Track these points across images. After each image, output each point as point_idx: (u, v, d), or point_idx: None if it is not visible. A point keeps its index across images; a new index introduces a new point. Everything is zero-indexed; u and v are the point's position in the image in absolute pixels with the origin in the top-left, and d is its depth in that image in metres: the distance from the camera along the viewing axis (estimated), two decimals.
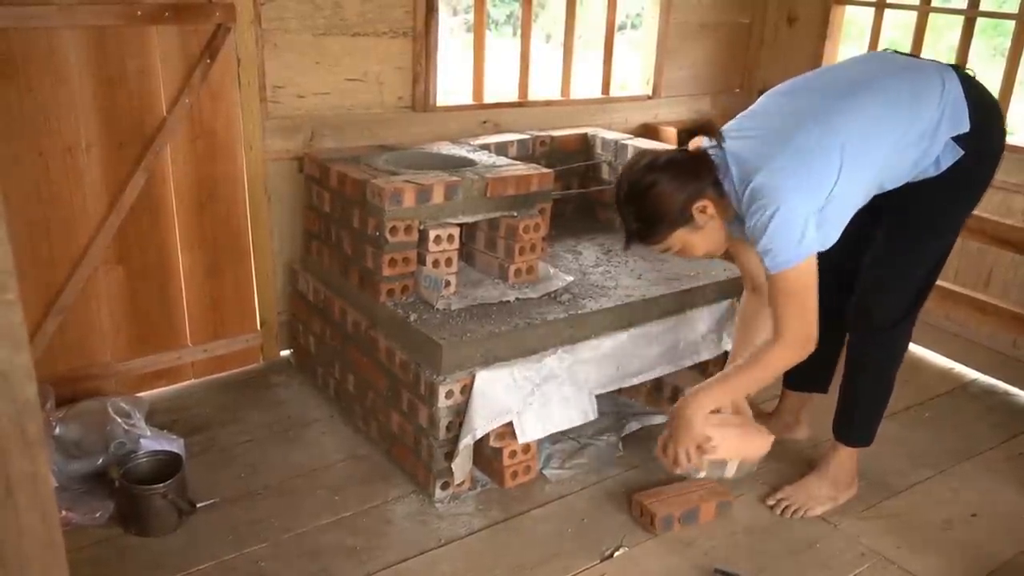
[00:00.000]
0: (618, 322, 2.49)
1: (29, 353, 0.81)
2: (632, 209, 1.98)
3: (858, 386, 2.29)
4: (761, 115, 2.03)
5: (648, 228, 1.99)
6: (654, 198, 1.94)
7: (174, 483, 2.12)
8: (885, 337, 2.21)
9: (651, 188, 1.94)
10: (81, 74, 2.38)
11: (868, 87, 1.95)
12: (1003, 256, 3.02)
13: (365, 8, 2.81)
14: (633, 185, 1.97)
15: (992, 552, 2.22)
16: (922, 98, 1.93)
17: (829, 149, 1.87)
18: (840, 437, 2.34)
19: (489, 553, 2.11)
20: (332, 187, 2.60)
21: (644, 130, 3.64)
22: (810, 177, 1.86)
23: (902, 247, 2.12)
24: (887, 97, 1.94)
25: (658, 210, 1.95)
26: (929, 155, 1.96)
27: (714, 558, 2.13)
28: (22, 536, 0.85)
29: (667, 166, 1.95)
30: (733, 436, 2.06)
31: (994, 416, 2.91)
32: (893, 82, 1.96)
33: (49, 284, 2.47)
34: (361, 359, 2.53)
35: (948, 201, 2.07)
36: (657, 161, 1.97)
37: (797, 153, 1.87)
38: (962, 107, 1.94)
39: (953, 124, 1.94)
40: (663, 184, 1.94)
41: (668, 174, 1.94)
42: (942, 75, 1.96)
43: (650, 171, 1.96)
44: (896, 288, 2.15)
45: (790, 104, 2.00)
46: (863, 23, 3.73)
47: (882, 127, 1.92)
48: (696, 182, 1.94)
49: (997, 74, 3.09)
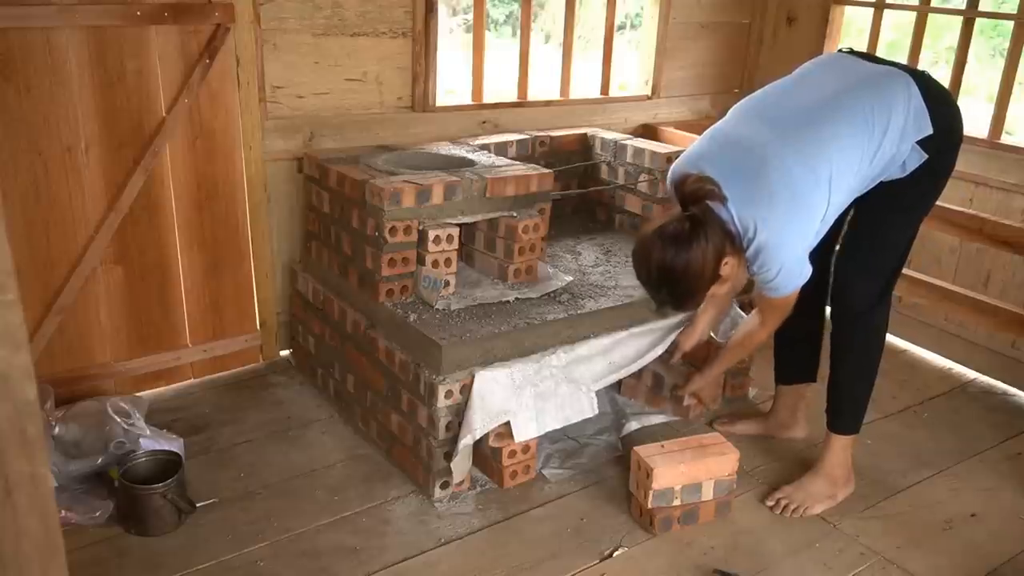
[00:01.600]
0: (618, 322, 2.49)
1: (28, 353, 0.81)
2: (665, 289, 2.01)
3: (844, 369, 2.35)
4: (742, 149, 2.02)
5: (684, 301, 2.07)
6: (687, 277, 1.96)
7: (174, 483, 2.12)
8: (865, 319, 2.28)
9: (685, 270, 1.95)
10: (80, 74, 2.38)
11: (841, 106, 2.02)
12: (1002, 257, 3.02)
13: (364, 8, 2.81)
14: (664, 270, 1.97)
15: (992, 552, 2.22)
16: (890, 110, 2.02)
17: (816, 188, 1.98)
18: (831, 425, 2.38)
19: (488, 553, 2.11)
20: (331, 187, 2.60)
21: (644, 130, 3.64)
22: (805, 223, 2.00)
23: (874, 235, 2.22)
24: (857, 115, 2.01)
25: (693, 286, 1.99)
26: (896, 161, 2.07)
27: (714, 558, 2.14)
28: (21, 536, 0.85)
29: (691, 241, 1.94)
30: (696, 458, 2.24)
31: (993, 416, 2.91)
32: (863, 96, 2.03)
33: (48, 284, 2.47)
34: (360, 359, 2.53)
35: (915, 196, 2.17)
36: (679, 237, 1.94)
37: (789, 203, 1.97)
38: (924, 113, 2.03)
39: (917, 130, 2.04)
40: (694, 263, 1.94)
41: (694, 250, 1.94)
42: (906, 85, 2.04)
43: (676, 250, 1.94)
44: (870, 275, 2.25)
45: (767, 134, 2.01)
46: (863, 23, 3.73)
47: (857, 148, 2.01)
48: (715, 245, 1.96)
49: (997, 74, 3.09)
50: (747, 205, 1.97)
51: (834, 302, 2.31)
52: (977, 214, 2.84)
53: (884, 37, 3.47)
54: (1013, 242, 2.72)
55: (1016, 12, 3.00)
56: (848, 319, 2.28)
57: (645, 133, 3.59)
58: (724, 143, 2.08)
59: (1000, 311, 2.85)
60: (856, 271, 2.24)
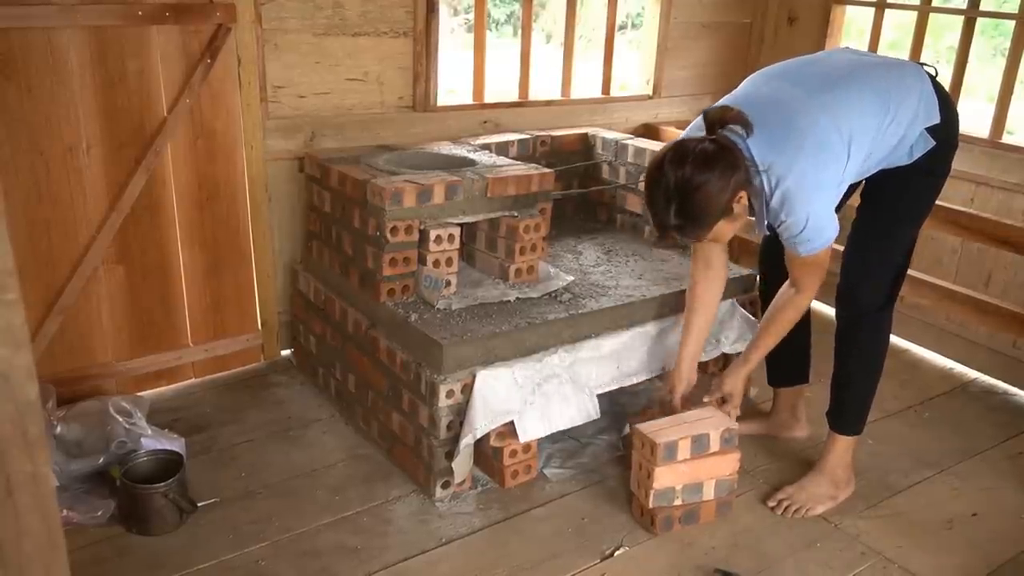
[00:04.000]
0: (619, 322, 2.49)
1: (30, 353, 0.81)
2: (675, 207, 1.94)
3: (848, 370, 2.34)
4: (766, 102, 2.04)
5: (693, 225, 1.98)
6: (703, 197, 1.92)
7: (175, 482, 2.12)
8: (872, 320, 2.27)
9: (701, 187, 1.91)
10: (82, 74, 2.38)
11: (861, 76, 2.07)
12: (1003, 256, 3.02)
13: (366, 8, 2.82)
14: (682, 183, 1.91)
15: (992, 552, 2.22)
16: (904, 90, 2.06)
17: (839, 142, 1.99)
18: (833, 426, 2.38)
19: (489, 552, 2.11)
20: (332, 187, 2.60)
21: (644, 130, 3.64)
22: (830, 174, 2.00)
23: (880, 233, 2.22)
24: (878, 85, 2.05)
25: (706, 208, 1.95)
26: (904, 143, 2.08)
27: (714, 558, 2.14)
28: (23, 536, 0.85)
29: (712, 162, 1.91)
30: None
31: (994, 416, 2.91)
32: (881, 72, 2.09)
33: (50, 284, 2.48)
34: (361, 359, 2.53)
35: (920, 188, 2.18)
36: (704, 156, 1.92)
37: (816, 150, 1.96)
38: (933, 101, 2.08)
39: (927, 116, 2.07)
40: (712, 183, 1.91)
41: (716, 171, 1.91)
42: (918, 71, 2.11)
43: (698, 168, 1.91)
44: (878, 273, 2.24)
45: (791, 90, 2.04)
46: (864, 23, 3.73)
47: (872, 115, 2.03)
48: (737, 176, 1.94)
49: (997, 74, 3.09)
50: (773, 152, 1.96)
51: (841, 304, 2.30)
52: (978, 214, 2.83)
53: (885, 37, 3.47)
54: (1014, 242, 2.71)
55: (1017, 12, 3.00)
56: (855, 321, 2.27)
57: (646, 133, 3.59)
58: (748, 99, 2.06)
59: (1001, 311, 2.85)
60: (865, 271, 2.24)
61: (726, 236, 2.11)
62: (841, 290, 2.29)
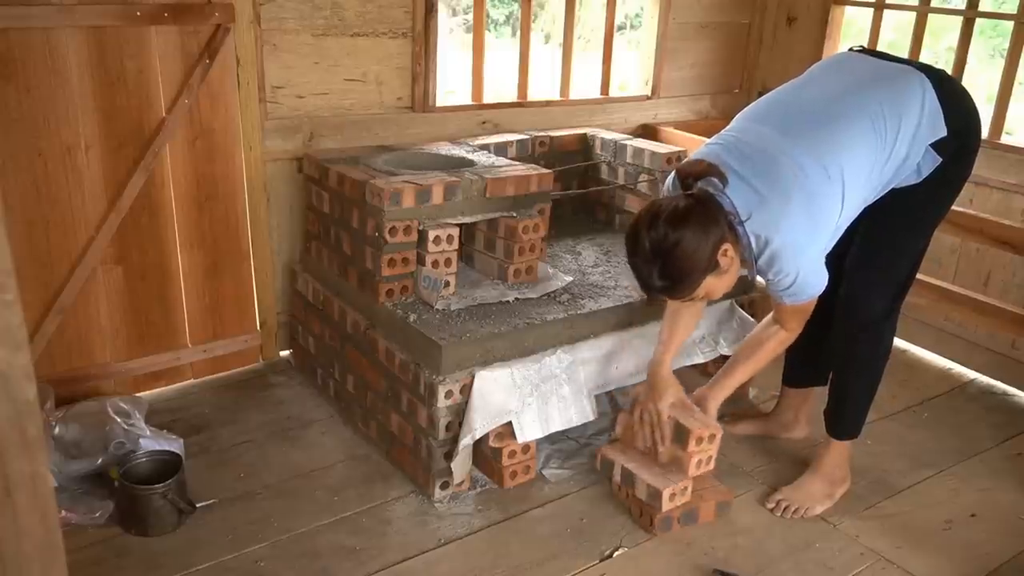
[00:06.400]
0: (617, 322, 2.49)
1: (28, 353, 0.81)
2: (656, 268, 1.89)
3: (848, 381, 2.32)
4: (751, 151, 1.96)
5: (679, 284, 1.91)
6: (681, 255, 1.86)
7: (173, 483, 2.12)
8: (872, 332, 2.24)
9: (677, 246, 1.85)
10: (80, 74, 2.38)
11: (853, 104, 1.97)
12: (1002, 257, 3.02)
13: (364, 8, 2.81)
14: (657, 244, 1.86)
15: (992, 552, 2.22)
16: (901, 108, 1.96)
17: (832, 185, 1.92)
18: (831, 430, 2.37)
19: (488, 553, 2.11)
20: (331, 187, 2.60)
21: (643, 130, 3.64)
22: (822, 223, 1.94)
23: (885, 246, 2.16)
24: (866, 112, 1.95)
25: (687, 266, 1.88)
26: (909, 164, 2.01)
27: (714, 558, 2.14)
28: (21, 536, 0.85)
29: (686, 217, 1.86)
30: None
31: (993, 416, 2.91)
32: (873, 93, 1.98)
33: (48, 284, 2.47)
34: (360, 359, 2.53)
35: (929, 202, 2.11)
36: (676, 213, 1.87)
37: (807, 201, 1.90)
38: (938, 114, 1.98)
39: (932, 131, 1.98)
40: (688, 239, 1.85)
41: (691, 227, 1.85)
42: (920, 83, 1.98)
43: (672, 226, 1.85)
44: (881, 285, 2.20)
45: (778, 140, 1.95)
46: (863, 23, 3.73)
47: (870, 147, 1.95)
48: (717, 228, 1.87)
49: (996, 74, 3.09)
50: (760, 207, 1.89)
51: (844, 313, 2.24)
52: (977, 214, 2.83)
53: (884, 37, 3.48)
54: (1013, 242, 2.72)
55: (1016, 12, 3.00)
56: (857, 330, 2.23)
57: (645, 133, 3.59)
58: (730, 147, 2.00)
59: (1000, 311, 2.85)
60: (869, 282, 2.19)
61: (718, 292, 2.01)
62: (844, 300, 2.23)
